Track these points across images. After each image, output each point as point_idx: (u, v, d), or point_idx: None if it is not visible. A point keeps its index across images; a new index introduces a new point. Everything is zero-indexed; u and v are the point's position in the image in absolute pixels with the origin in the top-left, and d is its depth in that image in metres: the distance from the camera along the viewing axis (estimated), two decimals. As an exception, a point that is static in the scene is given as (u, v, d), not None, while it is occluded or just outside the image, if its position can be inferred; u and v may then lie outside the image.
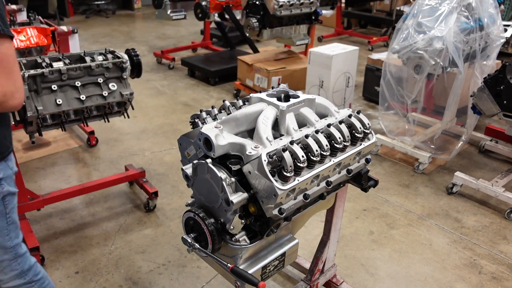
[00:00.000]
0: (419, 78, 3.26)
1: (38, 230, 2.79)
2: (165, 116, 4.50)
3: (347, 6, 8.12)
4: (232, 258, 1.49)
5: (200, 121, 1.64)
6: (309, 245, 2.66)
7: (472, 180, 3.15)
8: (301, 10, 4.59)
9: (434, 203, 3.16)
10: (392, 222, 2.96)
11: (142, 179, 3.11)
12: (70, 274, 2.47)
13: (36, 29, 3.13)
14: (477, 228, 2.91)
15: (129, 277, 2.46)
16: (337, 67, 4.17)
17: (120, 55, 2.55)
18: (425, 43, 3.13)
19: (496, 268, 2.58)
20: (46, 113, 2.30)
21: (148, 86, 5.28)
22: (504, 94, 2.97)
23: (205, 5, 5.40)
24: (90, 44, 7.08)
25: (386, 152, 3.83)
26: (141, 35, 7.81)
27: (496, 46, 3.33)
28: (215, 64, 5.56)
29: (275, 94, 1.63)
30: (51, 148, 3.80)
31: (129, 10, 10.01)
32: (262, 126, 1.44)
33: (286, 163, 1.31)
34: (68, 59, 2.40)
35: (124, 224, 2.88)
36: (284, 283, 2.42)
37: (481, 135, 3.93)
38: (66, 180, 3.35)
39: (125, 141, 3.98)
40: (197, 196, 1.52)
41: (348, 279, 2.42)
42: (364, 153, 1.64)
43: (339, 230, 2.09)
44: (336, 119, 1.58)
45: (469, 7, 3.22)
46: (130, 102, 2.61)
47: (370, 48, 6.95)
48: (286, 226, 1.62)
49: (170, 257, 2.59)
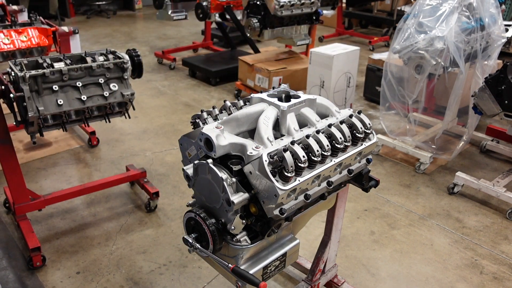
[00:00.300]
0: (420, 78, 3.25)
1: (39, 231, 2.79)
2: (166, 117, 4.50)
3: (348, 6, 8.12)
4: (233, 258, 1.49)
5: (201, 122, 1.64)
6: (310, 245, 2.66)
7: (473, 180, 3.15)
8: (302, 10, 4.59)
9: (435, 203, 3.16)
10: (393, 222, 2.96)
11: (143, 179, 3.11)
12: (71, 274, 2.47)
13: (37, 30, 3.13)
14: (479, 228, 2.91)
15: (130, 277, 2.46)
16: (338, 67, 4.17)
17: (121, 55, 2.55)
18: (426, 43, 3.12)
19: (497, 268, 2.58)
20: (47, 113, 2.30)
21: (149, 86, 5.29)
22: (505, 94, 2.97)
23: (206, 5, 5.40)
24: (91, 44, 7.09)
25: (387, 152, 3.83)
26: (142, 36, 7.82)
27: (497, 46, 3.33)
28: (216, 64, 5.56)
29: (276, 94, 1.63)
30: (52, 149, 3.81)
31: (130, 10, 10.02)
32: (263, 126, 1.44)
33: (287, 163, 1.30)
34: (69, 60, 2.41)
35: (125, 225, 2.89)
36: (285, 283, 2.42)
37: (482, 135, 3.92)
38: (67, 180, 3.36)
39: (126, 142, 3.98)
40: (198, 197, 1.52)
41: (349, 279, 2.42)
42: (365, 153, 1.64)
43: (340, 230, 2.09)
44: (337, 119, 1.58)
45: (470, 7, 3.22)
46: (131, 103, 2.62)
47: (371, 48, 6.95)
48: (287, 226, 1.62)
49: (171, 257, 2.60)
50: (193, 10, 5.63)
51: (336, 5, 6.55)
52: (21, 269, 2.49)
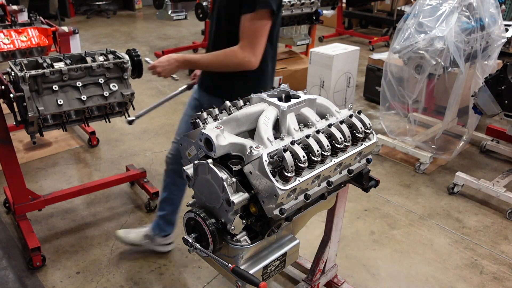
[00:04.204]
0: (420, 78, 3.25)
1: (39, 231, 2.79)
2: (166, 116, 4.50)
3: (348, 6, 8.12)
4: (233, 258, 1.49)
5: (201, 121, 1.64)
6: (310, 245, 2.66)
7: (473, 180, 3.15)
8: (302, 10, 4.59)
9: (435, 203, 3.16)
10: (393, 222, 2.96)
11: (143, 179, 3.11)
12: (71, 274, 2.47)
13: (37, 30, 3.13)
14: (478, 228, 2.91)
15: (130, 277, 2.46)
16: (338, 67, 4.17)
17: (121, 55, 2.55)
18: (426, 43, 3.12)
19: (497, 268, 2.58)
20: (47, 113, 2.30)
21: (149, 86, 5.29)
22: (505, 94, 2.97)
23: (206, 5, 5.40)
24: (91, 44, 7.09)
25: (387, 152, 3.83)
26: (142, 36, 7.81)
27: (497, 46, 3.33)
28: (216, 64, 5.55)
29: (276, 94, 1.63)
30: (52, 149, 3.81)
31: (130, 10, 10.01)
32: (263, 126, 1.44)
33: (287, 163, 1.30)
34: (69, 60, 2.40)
35: (125, 224, 2.88)
36: (285, 283, 2.42)
37: (482, 135, 3.92)
38: (67, 180, 3.36)
39: (126, 141, 3.98)
40: (198, 196, 1.52)
41: (349, 279, 2.42)
42: (365, 153, 1.64)
43: (340, 230, 2.09)
44: (337, 119, 1.57)
45: (470, 7, 3.22)
46: (131, 102, 2.61)
47: (371, 48, 6.95)
48: (287, 226, 1.62)
49: (171, 257, 2.60)
50: (193, 10, 5.63)
51: (336, 5, 6.56)
52: (21, 269, 2.49)
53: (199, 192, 1.49)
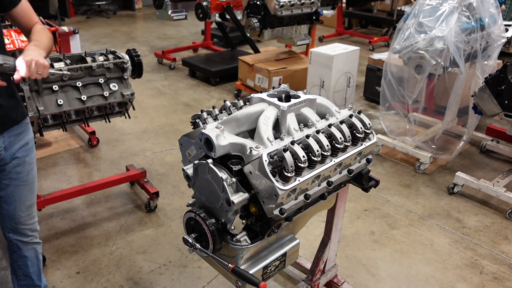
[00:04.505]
0: (420, 78, 3.25)
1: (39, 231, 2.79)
2: (166, 117, 4.50)
3: (348, 6, 8.12)
4: (233, 258, 1.49)
5: (201, 122, 1.64)
6: (310, 245, 2.66)
7: (473, 180, 3.15)
8: (302, 10, 4.59)
9: (435, 203, 3.16)
10: (393, 222, 2.96)
11: (143, 179, 3.11)
12: (71, 274, 2.47)
13: (37, 30, 3.13)
14: (478, 228, 2.91)
15: (130, 277, 2.46)
16: (338, 67, 4.17)
17: (121, 55, 2.55)
18: (426, 43, 3.12)
19: (497, 268, 2.58)
20: (47, 113, 2.30)
21: (149, 86, 5.29)
22: (505, 94, 2.97)
23: (206, 5, 5.40)
24: (91, 44, 7.09)
25: (387, 152, 3.83)
26: (142, 36, 7.82)
27: (497, 46, 3.33)
28: (216, 64, 5.56)
29: (276, 94, 1.63)
30: (52, 149, 3.81)
31: (130, 10, 10.01)
32: (263, 126, 1.44)
33: (287, 163, 1.30)
34: (69, 60, 2.41)
35: (125, 224, 2.89)
36: (285, 283, 2.42)
37: (482, 135, 3.92)
38: (67, 180, 3.36)
39: (126, 141, 3.98)
40: (198, 197, 1.52)
41: (349, 279, 2.42)
42: (365, 153, 1.64)
43: (340, 230, 2.09)
44: (337, 119, 1.58)
45: (470, 7, 3.22)
46: (131, 102, 2.62)
47: (371, 48, 6.95)
48: (287, 226, 1.62)
49: (171, 257, 2.60)
50: (193, 10, 5.62)
51: (336, 5, 6.55)
52: (21, 269, 2.49)
53: (199, 192, 1.49)
